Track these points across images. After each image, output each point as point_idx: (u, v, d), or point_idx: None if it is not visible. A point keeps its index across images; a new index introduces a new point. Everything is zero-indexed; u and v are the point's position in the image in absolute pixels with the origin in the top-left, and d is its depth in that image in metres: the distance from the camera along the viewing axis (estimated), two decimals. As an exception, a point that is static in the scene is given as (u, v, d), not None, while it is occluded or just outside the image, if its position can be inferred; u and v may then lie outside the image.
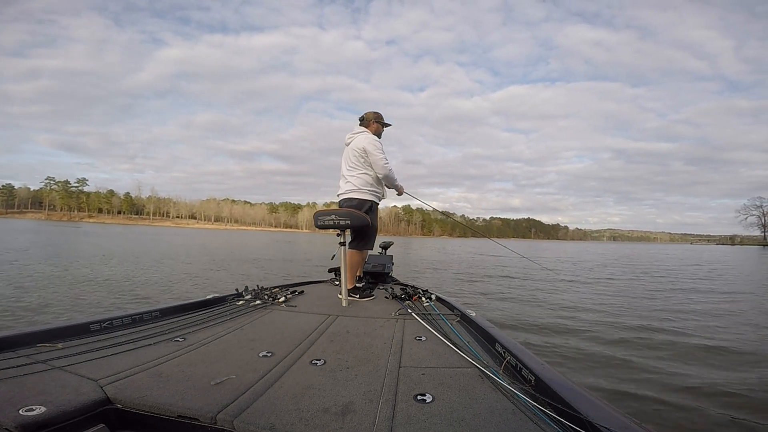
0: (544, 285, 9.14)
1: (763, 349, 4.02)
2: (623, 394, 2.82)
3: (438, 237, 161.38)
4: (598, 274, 12.61)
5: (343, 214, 2.75)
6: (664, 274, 12.83)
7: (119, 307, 5.12)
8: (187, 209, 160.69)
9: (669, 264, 18.66)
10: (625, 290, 8.60)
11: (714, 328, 4.92)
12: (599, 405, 1.05)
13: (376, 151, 2.94)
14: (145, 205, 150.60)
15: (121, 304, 5.35)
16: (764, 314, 6.04)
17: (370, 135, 3.05)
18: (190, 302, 2.38)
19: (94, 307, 5.08)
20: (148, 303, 5.51)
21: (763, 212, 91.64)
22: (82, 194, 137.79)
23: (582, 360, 3.60)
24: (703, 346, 4.06)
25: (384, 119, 3.25)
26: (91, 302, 5.33)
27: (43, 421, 0.94)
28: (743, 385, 2.97)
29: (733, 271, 15.02)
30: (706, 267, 16.86)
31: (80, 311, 4.83)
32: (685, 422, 2.46)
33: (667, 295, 7.93)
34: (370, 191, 3.02)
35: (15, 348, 1.44)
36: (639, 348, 3.99)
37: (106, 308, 5.02)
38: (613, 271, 14.03)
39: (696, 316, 5.68)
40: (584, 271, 13.71)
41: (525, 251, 29.16)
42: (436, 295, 2.84)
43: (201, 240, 30.04)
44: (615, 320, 5.24)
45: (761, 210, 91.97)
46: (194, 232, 60.00)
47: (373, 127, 3.15)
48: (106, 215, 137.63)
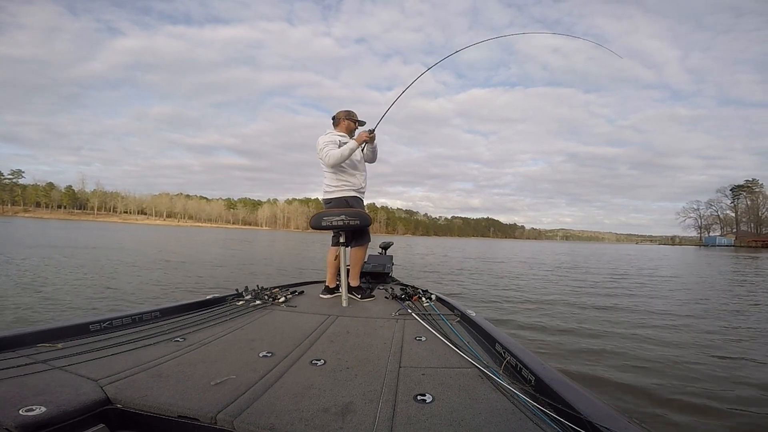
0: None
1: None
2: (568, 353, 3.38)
3: (402, 235, 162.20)
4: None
5: (352, 214, 2.75)
6: (656, 268, 14.63)
7: (119, 307, 4.96)
8: (137, 204, 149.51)
9: (643, 260, 21.28)
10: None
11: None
12: (599, 405, 1.05)
13: (319, 152, 2.93)
14: (89, 199, 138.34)
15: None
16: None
17: (323, 135, 3.03)
18: (190, 302, 2.37)
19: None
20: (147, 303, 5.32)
21: (700, 215, 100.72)
22: (17, 187, 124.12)
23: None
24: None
25: (357, 116, 3.17)
26: None
27: (43, 421, 0.93)
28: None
29: (685, 266, 17.91)
30: (672, 261, 20.42)
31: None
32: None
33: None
34: (338, 187, 3.01)
35: (15, 348, 1.43)
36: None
37: (106, 308, 4.86)
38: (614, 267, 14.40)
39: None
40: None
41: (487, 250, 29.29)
42: (436, 295, 2.83)
43: (131, 237, 25.43)
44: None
45: (698, 213, 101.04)
46: (135, 228, 53.97)
47: (344, 125, 3.12)
48: (44, 210, 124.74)
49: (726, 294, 8.21)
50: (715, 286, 9.71)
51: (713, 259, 24.13)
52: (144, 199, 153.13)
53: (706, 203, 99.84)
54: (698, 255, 32.52)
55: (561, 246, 64.55)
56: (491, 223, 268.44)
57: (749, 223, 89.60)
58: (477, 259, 18.34)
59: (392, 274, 4.03)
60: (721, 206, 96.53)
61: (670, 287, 9.11)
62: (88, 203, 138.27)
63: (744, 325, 5.08)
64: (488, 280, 9.50)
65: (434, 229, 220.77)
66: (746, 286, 9.92)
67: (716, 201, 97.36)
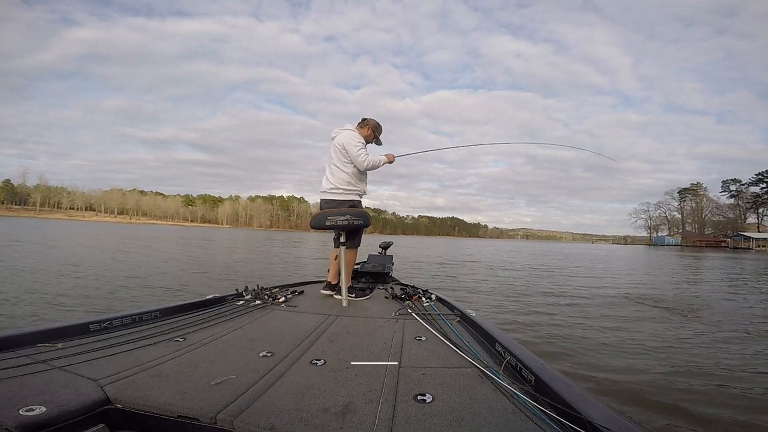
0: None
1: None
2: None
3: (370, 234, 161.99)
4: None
5: (356, 214, 2.79)
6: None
7: (119, 307, 4.75)
8: (85, 200, 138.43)
9: (624, 260, 22.90)
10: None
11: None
12: (599, 405, 1.05)
13: (353, 148, 2.93)
14: (31, 194, 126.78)
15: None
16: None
17: (352, 132, 3.03)
18: (190, 302, 2.35)
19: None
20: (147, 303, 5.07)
21: (650, 216, 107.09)
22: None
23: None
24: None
25: (380, 134, 3.23)
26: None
27: (43, 421, 0.93)
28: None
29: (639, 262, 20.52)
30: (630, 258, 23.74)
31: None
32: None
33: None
34: (349, 190, 3.01)
35: (15, 348, 1.43)
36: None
37: (105, 308, 4.68)
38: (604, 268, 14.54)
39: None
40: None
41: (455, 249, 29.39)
42: (436, 295, 2.83)
43: (56, 236, 20.91)
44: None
45: (648, 214, 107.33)
46: (76, 225, 49.68)
47: (366, 132, 3.13)
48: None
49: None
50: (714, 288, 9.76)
51: (674, 259, 25.01)
52: (93, 195, 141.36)
53: (655, 205, 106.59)
54: (656, 254, 33.97)
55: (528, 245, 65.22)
56: (456, 222, 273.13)
57: (693, 224, 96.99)
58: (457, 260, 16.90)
59: (392, 274, 4.01)
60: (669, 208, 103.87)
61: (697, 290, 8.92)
62: (30, 198, 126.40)
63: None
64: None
65: (402, 227, 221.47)
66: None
67: (664, 203, 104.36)
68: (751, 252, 54.66)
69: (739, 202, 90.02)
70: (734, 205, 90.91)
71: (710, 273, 14.21)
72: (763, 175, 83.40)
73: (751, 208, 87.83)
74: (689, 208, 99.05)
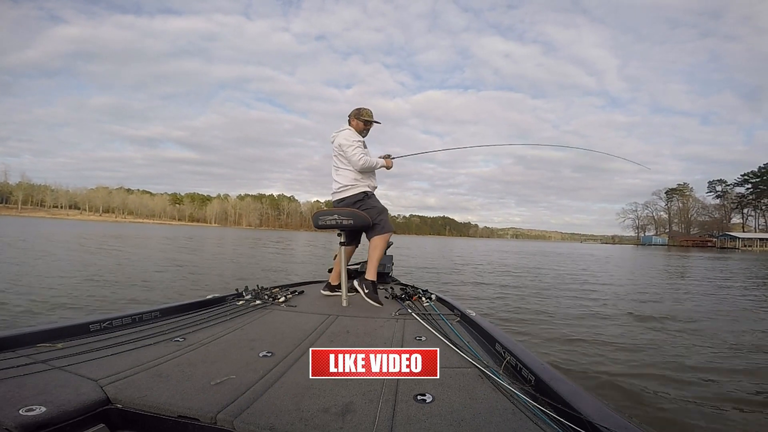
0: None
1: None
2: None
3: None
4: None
5: (345, 214, 2.75)
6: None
7: (119, 307, 4.68)
8: (69, 198, 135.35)
9: (619, 259, 23.19)
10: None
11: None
12: (599, 405, 1.05)
13: (348, 148, 2.89)
14: (12, 192, 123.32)
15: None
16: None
17: (348, 131, 3.00)
18: (190, 302, 2.35)
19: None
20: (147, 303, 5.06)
21: (638, 216, 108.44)
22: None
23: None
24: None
25: (365, 116, 3.09)
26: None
27: (43, 421, 0.93)
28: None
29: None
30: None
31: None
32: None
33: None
34: (355, 185, 2.95)
35: (15, 348, 1.42)
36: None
37: (105, 308, 4.60)
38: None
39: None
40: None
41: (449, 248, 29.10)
42: (436, 295, 2.83)
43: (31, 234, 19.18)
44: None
45: (636, 214, 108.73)
46: (56, 224, 47.29)
47: (353, 124, 3.08)
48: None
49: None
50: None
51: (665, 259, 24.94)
52: (78, 193, 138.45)
53: (642, 205, 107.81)
54: (646, 254, 34.11)
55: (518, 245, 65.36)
56: (447, 221, 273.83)
57: (680, 224, 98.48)
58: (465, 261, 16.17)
59: (392, 274, 4.00)
60: (656, 208, 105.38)
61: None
62: (11, 197, 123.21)
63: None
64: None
65: (394, 226, 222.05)
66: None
67: (652, 203, 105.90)
68: (737, 252, 55.30)
69: (725, 203, 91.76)
70: (720, 205, 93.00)
71: (711, 273, 14.21)
72: (748, 176, 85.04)
73: (736, 209, 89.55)
74: (676, 209, 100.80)
